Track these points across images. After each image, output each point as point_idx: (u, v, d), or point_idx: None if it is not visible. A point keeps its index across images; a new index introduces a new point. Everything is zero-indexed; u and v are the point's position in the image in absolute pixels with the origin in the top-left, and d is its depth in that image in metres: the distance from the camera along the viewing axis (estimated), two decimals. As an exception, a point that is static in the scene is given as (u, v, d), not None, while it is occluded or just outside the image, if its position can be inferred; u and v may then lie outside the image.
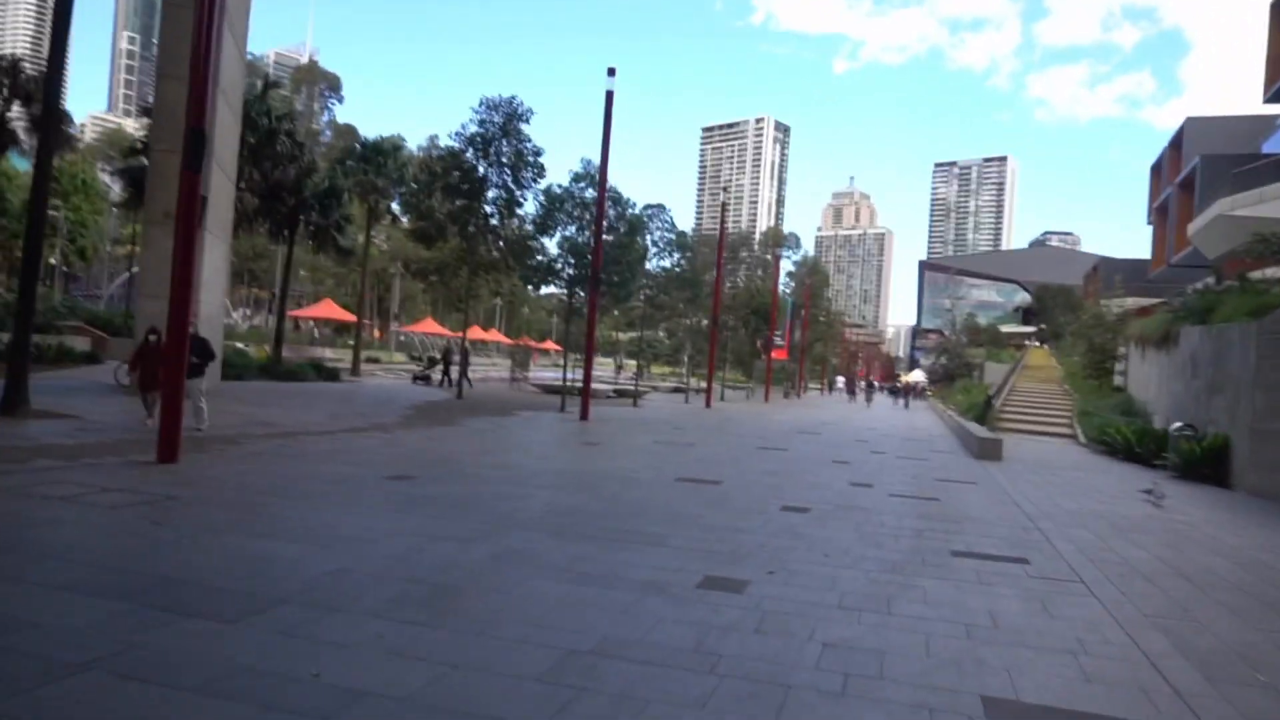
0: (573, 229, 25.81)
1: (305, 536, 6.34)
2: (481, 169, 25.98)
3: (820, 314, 68.08)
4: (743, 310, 45.98)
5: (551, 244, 26.42)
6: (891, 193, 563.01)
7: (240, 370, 25.70)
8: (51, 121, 13.36)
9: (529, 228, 27.14)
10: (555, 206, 25.96)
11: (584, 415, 21.05)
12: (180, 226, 9.80)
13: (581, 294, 28.65)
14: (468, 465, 11.09)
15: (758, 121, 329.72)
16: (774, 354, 48.07)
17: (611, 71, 21.84)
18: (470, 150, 25.99)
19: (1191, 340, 19.26)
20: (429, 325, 60.68)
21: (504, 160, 26.02)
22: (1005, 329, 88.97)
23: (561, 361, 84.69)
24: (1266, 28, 37.69)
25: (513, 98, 25.66)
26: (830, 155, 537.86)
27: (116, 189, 45.44)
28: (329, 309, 49.86)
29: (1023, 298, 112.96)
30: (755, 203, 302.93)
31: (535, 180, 26.48)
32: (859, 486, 11.46)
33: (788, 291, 64.50)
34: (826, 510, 9.16)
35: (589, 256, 25.75)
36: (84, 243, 56.50)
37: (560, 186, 25.98)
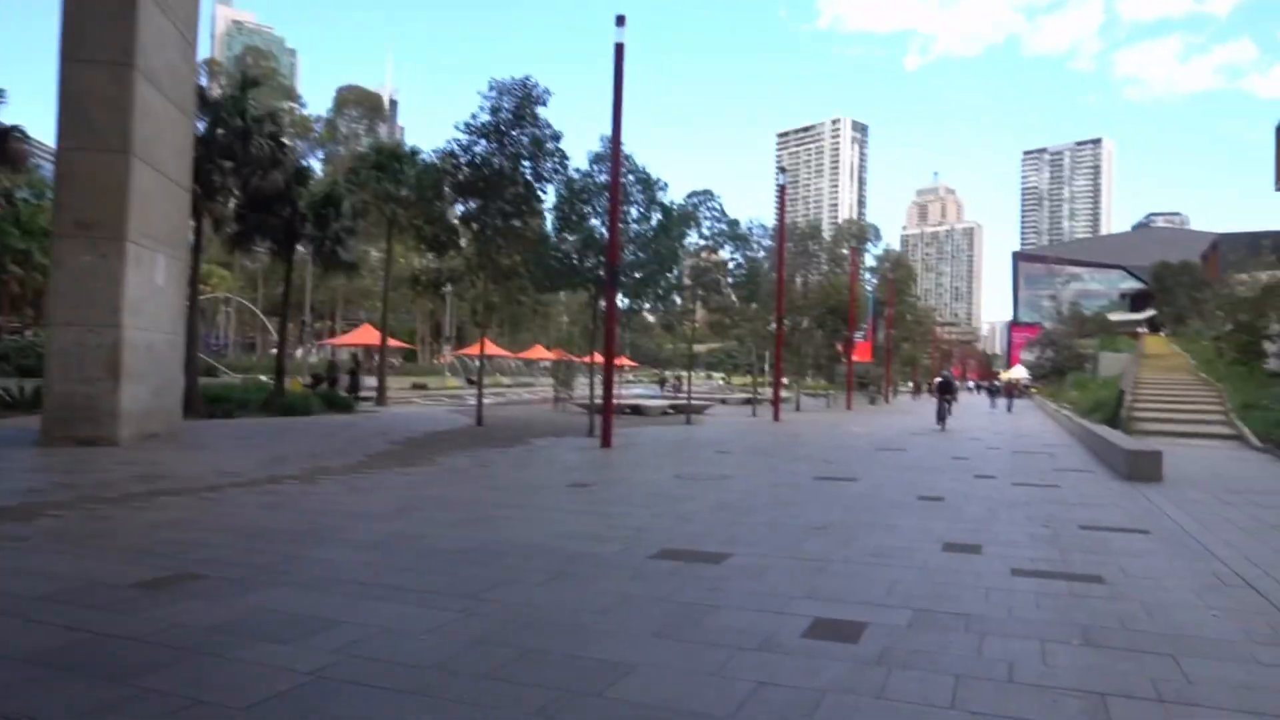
0: (596, 221, 21.85)
1: None
2: (496, 162, 22.48)
3: (907, 311, 62.48)
4: (817, 309, 41.17)
5: (574, 241, 22.51)
6: (978, 186, 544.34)
7: (235, 406, 22.71)
8: None
9: (551, 225, 23.41)
10: (577, 197, 22.11)
11: (605, 441, 17.01)
12: None
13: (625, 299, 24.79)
14: (326, 541, 7.15)
15: (834, 123, 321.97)
16: (855, 356, 43.08)
17: (620, 21, 17.91)
18: (483, 142, 22.50)
19: None
20: (486, 347, 57.59)
21: (521, 151, 22.43)
22: (1114, 317, 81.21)
23: (639, 378, 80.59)
24: None
25: (526, 78, 22.08)
26: (911, 153, 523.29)
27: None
28: (368, 334, 47.04)
29: (1128, 284, 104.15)
30: (835, 205, 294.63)
31: (558, 170, 22.81)
32: (959, 552, 7.06)
33: (870, 289, 59.20)
34: (897, 623, 4.87)
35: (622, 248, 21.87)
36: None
37: (579, 172, 22.13)
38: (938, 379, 30.96)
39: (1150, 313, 70.81)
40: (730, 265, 29.74)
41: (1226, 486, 11.86)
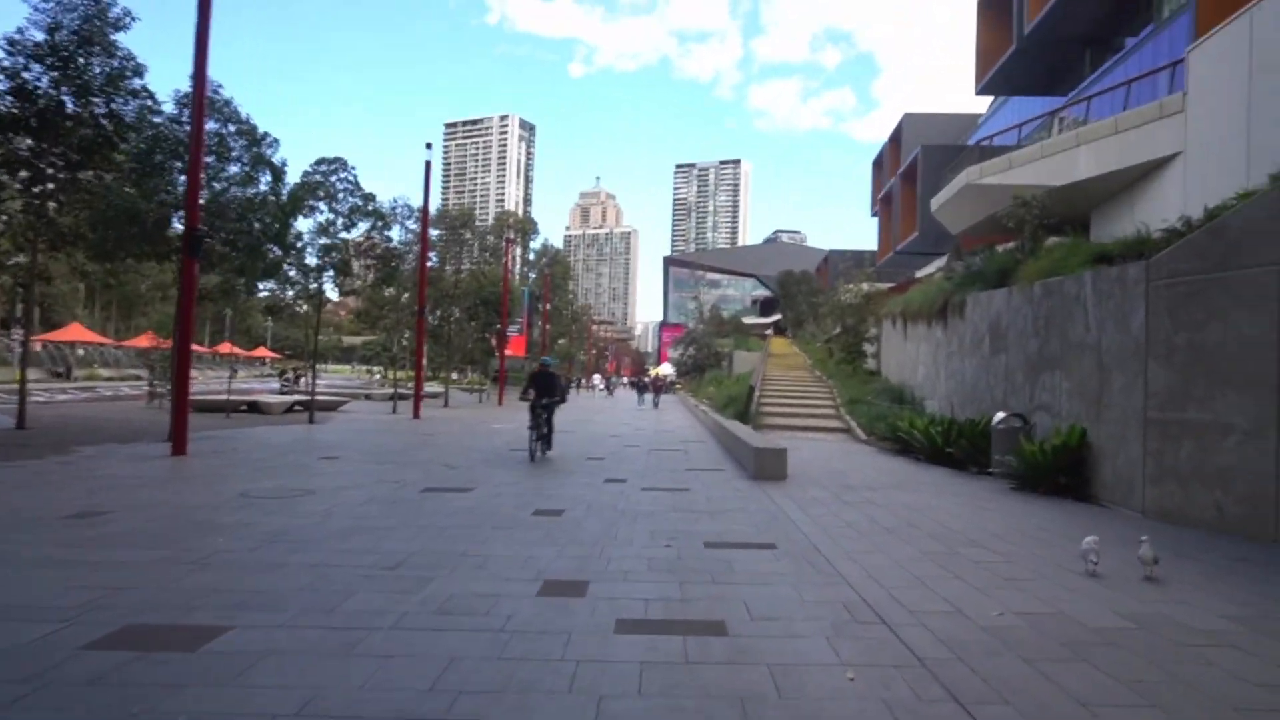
0: (185, 177, 17.90)
1: None
2: (57, 95, 17.69)
3: (564, 307, 62.94)
4: (469, 300, 39.20)
5: (154, 200, 18.29)
6: (636, 193, 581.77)
7: None
8: None
9: (129, 180, 18.92)
10: (160, 146, 17.99)
11: (179, 448, 13.58)
12: None
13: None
14: None
15: (502, 119, 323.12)
16: (509, 350, 41.86)
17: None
18: (37, 67, 17.54)
19: (990, 307, 15.39)
20: (77, 331, 48.12)
21: (92, 84, 17.79)
22: (747, 320, 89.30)
23: (272, 371, 72.91)
24: (975, 26, 37.56)
25: (102, -8, 17.54)
26: (576, 157, 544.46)
27: None
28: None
29: (759, 291, 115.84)
30: (502, 200, 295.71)
31: (145, 116, 18.46)
32: (558, 595, 5.45)
33: (527, 284, 58.59)
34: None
35: (221, 213, 18.22)
36: None
37: (163, 115, 18.02)
38: (534, 370, 15.98)
39: (776, 317, 78.73)
40: (367, 245, 26.81)
41: (842, 482, 11.85)
